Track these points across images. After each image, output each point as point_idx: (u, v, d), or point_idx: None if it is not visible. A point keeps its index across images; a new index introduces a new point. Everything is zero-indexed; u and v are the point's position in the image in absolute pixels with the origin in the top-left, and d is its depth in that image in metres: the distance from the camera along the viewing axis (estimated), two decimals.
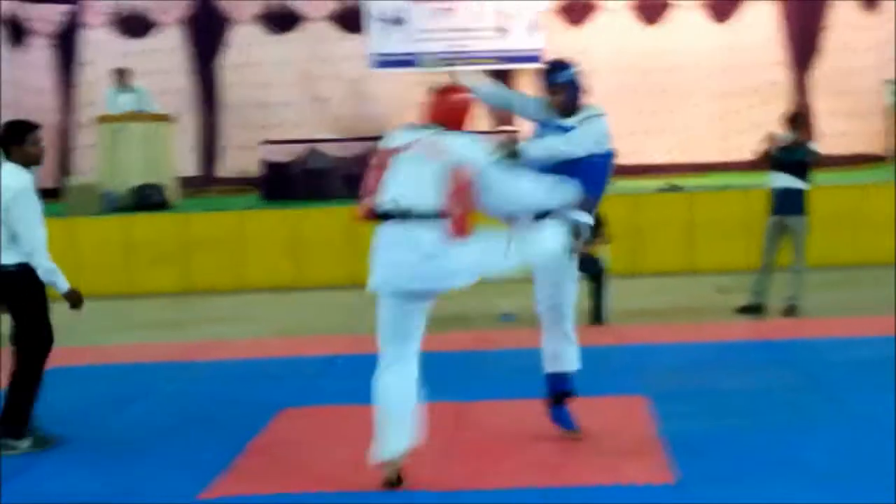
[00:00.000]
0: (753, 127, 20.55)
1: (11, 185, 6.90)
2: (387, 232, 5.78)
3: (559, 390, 6.78)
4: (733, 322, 10.97)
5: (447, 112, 6.04)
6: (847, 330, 10.15)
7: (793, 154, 11.05)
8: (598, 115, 6.64)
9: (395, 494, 5.81)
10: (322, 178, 17.14)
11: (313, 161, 17.16)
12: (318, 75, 21.38)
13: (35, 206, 6.95)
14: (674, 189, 16.09)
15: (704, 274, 14.10)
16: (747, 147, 20.43)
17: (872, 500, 5.48)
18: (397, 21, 21.02)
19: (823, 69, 20.62)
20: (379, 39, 21.09)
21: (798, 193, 11.08)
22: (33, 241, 6.91)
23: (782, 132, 11.17)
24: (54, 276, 6.97)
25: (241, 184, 20.01)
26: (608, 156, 6.68)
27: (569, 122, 6.61)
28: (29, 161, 7.05)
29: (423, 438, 5.88)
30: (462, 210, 5.74)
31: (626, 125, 19.99)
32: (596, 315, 10.97)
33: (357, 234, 15.09)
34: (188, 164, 20.14)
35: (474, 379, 8.05)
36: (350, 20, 21.27)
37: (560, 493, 5.73)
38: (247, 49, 21.33)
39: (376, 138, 17.86)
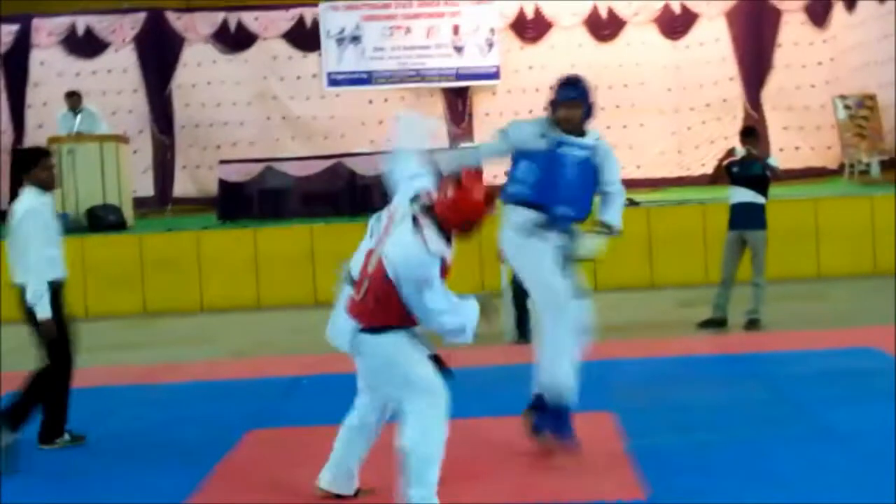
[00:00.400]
0: (707, 142, 20.85)
1: (20, 208, 7.28)
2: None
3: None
4: (696, 336, 11.01)
5: (452, 214, 5.53)
6: (809, 342, 10.24)
7: (750, 169, 11.11)
8: (603, 139, 6.89)
9: None
10: (279, 197, 17.08)
11: (270, 180, 17.08)
12: (273, 94, 21.33)
13: (36, 228, 7.21)
14: (631, 204, 16.10)
15: (664, 288, 14.15)
16: (701, 162, 20.80)
17: None
18: (352, 39, 21.01)
19: (775, 85, 20.85)
20: (334, 58, 21.07)
21: (756, 208, 11.12)
22: (26, 263, 7.13)
23: (741, 147, 11.22)
24: (36, 300, 7.17)
25: (197, 204, 19.91)
26: None
27: (586, 140, 6.77)
28: (42, 185, 7.41)
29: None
30: (362, 297, 5.62)
31: None
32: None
33: (316, 252, 15.10)
34: (143, 185, 20.00)
35: None
36: (304, 39, 21.25)
37: None
38: (200, 68, 21.25)
39: (334, 157, 17.85)
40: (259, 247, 15.14)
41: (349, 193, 17.08)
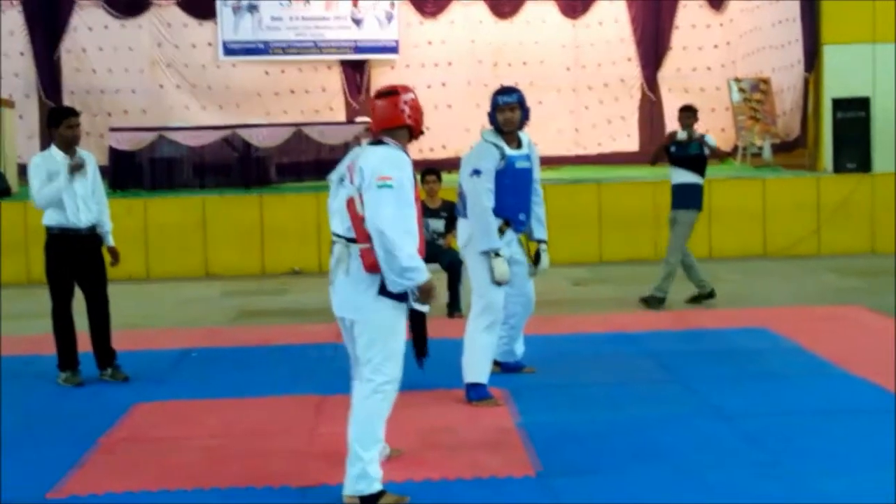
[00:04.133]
0: (604, 122, 21.00)
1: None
2: (332, 254, 5.57)
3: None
4: (588, 315, 11.08)
5: (376, 120, 5.61)
6: (700, 322, 10.37)
7: (687, 149, 11.15)
8: (532, 141, 7.87)
9: (253, 491, 5.67)
10: (172, 167, 16.77)
11: (163, 149, 16.75)
12: (168, 61, 20.89)
13: (32, 173, 8.19)
14: None
15: (557, 266, 14.16)
16: (598, 141, 20.96)
17: (734, 488, 5.56)
18: (249, 8, 20.67)
19: (672, 67, 21.07)
20: (230, 27, 20.72)
21: (693, 188, 11.19)
22: None
23: (681, 130, 11.24)
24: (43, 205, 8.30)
25: None
26: None
27: (524, 150, 7.68)
28: (65, 142, 8.27)
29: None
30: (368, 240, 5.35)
31: (478, 118, 20.02)
32: (452, 307, 10.96)
33: (208, 224, 14.86)
34: (29, 151, 19.36)
35: (335, 371, 7.90)
36: (200, 6, 20.83)
37: (420, 488, 5.65)
38: (92, 33, 20.70)
39: (229, 128, 17.58)
40: (149, 217, 14.86)
41: (243, 165, 16.85)
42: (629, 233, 15.15)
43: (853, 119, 16.29)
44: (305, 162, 16.99)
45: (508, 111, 7.56)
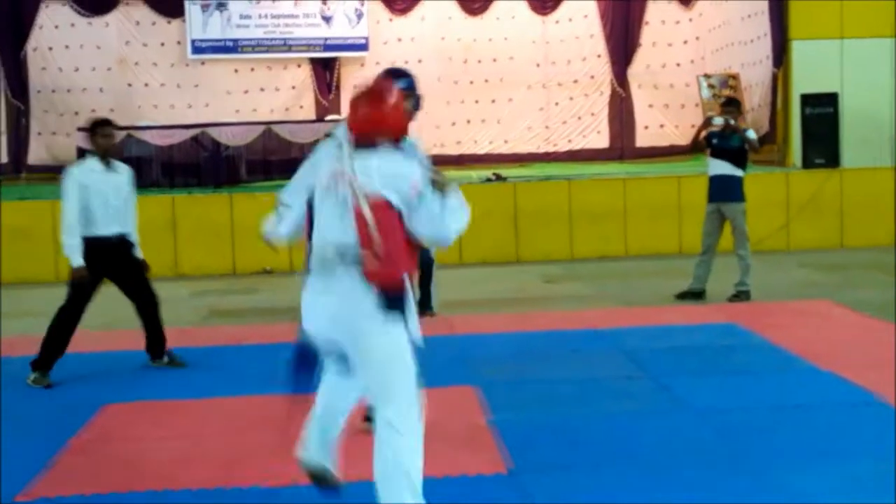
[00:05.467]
0: (574, 118, 21.03)
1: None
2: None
3: None
4: (560, 312, 11.07)
5: (371, 123, 4.78)
6: (671, 318, 10.39)
7: (729, 141, 11.17)
8: None
9: (222, 492, 5.64)
10: (140, 167, 16.66)
11: (131, 149, 16.65)
12: (136, 60, 20.77)
13: (68, 190, 8.39)
14: (498, 179, 16.20)
15: (529, 263, 14.21)
16: (568, 138, 20.99)
17: (705, 482, 5.56)
18: (218, 6, 20.58)
19: (642, 63, 21.11)
20: (199, 25, 20.62)
21: (734, 180, 11.20)
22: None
23: (719, 118, 11.27)
24: (66, 252, 8.41)
25: (54, 171, 19.23)
26: None
27: None
28: (100, 150, 8.52)
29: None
30: (381, 250, 4.74)
31: (448, 115, 20.16)
32: (423, 305, 10.93)
33: (178, 224, 14.78)
34: None
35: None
36: (168, 4, 20.74)
37: None
38: (58, 31, 20.54)
39: (198, 126, 17.49)
40: None
41: (213, 164, 16.78)
42: (600, 229, 15.18)
43: (822, 115, 16.37)
44: (275, 161, 16.94)
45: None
